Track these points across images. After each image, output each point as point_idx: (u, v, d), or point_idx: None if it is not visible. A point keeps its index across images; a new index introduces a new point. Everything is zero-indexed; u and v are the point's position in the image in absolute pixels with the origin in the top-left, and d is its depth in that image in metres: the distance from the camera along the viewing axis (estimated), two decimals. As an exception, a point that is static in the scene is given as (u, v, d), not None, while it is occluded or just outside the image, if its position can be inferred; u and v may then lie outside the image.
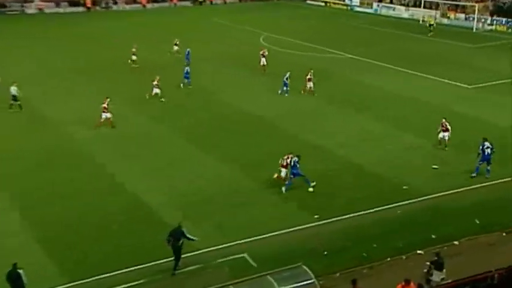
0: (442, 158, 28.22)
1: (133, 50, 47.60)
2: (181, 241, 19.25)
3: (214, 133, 32.05)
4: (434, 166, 27.16)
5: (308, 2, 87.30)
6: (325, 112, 35.63)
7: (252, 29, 64.44)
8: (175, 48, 51.03)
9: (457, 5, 70.59)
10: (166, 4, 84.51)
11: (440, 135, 29.69)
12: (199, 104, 37.34)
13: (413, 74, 44.53)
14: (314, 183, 24.92)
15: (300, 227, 21.77)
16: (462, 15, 69.70)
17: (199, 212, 23.19)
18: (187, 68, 41.73)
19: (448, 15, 71.17)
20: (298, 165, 24.63)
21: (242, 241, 20.83)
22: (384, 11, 77.99)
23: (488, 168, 25.99)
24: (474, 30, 64.35)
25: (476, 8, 65.76)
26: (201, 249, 20.27)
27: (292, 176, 24.67)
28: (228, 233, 21.46)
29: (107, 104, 32.88)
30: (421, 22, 70.24)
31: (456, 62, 48.81)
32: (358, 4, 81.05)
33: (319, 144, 30.12)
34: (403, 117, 34.52)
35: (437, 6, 71.92)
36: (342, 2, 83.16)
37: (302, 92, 38.64)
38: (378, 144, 30.04)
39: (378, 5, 78.83)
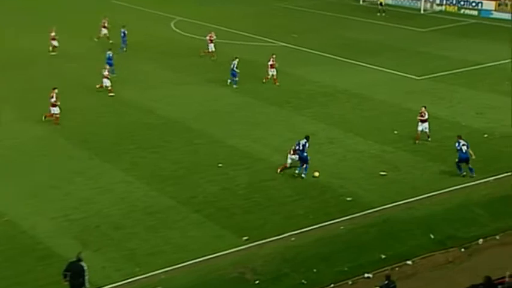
0: (391, 162, 28.55)
1: (53, 34, 46.57)
2: (81, 278, 18.37)
3: (122, 140, 31.08)
4: (382, 172, 27.44)
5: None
6: (257, 111, 35.42)
7: (159, 13, 63.55)
8: (104, 31, 49.92)
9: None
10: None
11: (420, 127, 30.38)
12: (106, 104, 36.32)
13: (357, 65, 45.15)
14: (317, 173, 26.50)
15: (227, 251, 21.33)
16: (408, -7, 71.47)
17: (103, 239, 22.24)
18: (109, 53, 40.87)
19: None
20: (306, 149, 26.90)
21: (157, 271, 20.16)
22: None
23: (470, 166, 26.65)
24: (422, 11, 66.23)
25: (424, -14, 67.53)
26: (105, 285, 19.42)
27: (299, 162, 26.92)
28: (139, 262, 20.69)
29: (55, 97, 32.29)
30: (361, 2, 71.67)
31: (404, 49, 49.96)
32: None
33: (250, 150, 29.84)
34: (346, 116, 34.81)
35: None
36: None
37: (264, 80, 39.27)
38: (317, 149, 30.01)
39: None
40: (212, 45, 45.82)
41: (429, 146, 30.04)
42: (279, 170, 27.24)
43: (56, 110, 32.72)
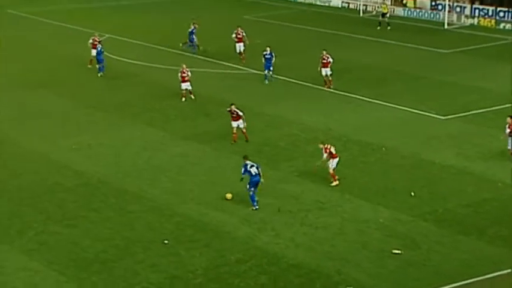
0: (407, 236, 28.80)
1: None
2: None
3: (22, 210, 30.99)
4: (395, 251, 27.68)
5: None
6: (217, 165, 35.76)
7: (79, 28, 64.48)
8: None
9: (418, -13, 74.44)
10: None
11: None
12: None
13: (356, 99, 45.78)
14: None
15: None
16: (427, 2, 73.29)
17: None
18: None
19: (404, 1, 74.67)
20: None
21: None
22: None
23: (252, 193, 30.14)
24: (446, 25, 67.70)
25: (449, -8, 69.35)
26: None
27: None
28: None
29: None
30: (361, 14, 73.25)
31: (421, 77, 50.81)
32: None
33: (209, 220, 30.05)
34: (344, 171, 35.06)
35: (387, -12, 75.42)
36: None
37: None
38: (302, 218, 30.15)
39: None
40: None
41: (460, 213, 30.47)
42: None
43: None
